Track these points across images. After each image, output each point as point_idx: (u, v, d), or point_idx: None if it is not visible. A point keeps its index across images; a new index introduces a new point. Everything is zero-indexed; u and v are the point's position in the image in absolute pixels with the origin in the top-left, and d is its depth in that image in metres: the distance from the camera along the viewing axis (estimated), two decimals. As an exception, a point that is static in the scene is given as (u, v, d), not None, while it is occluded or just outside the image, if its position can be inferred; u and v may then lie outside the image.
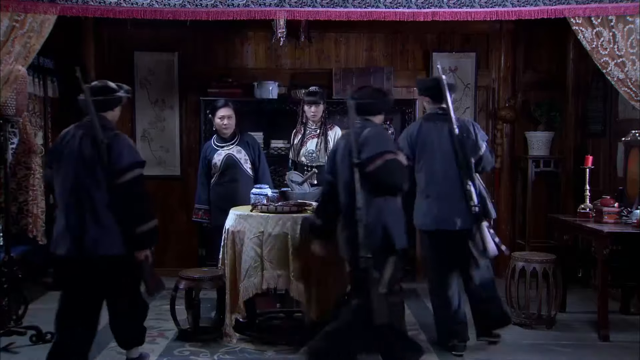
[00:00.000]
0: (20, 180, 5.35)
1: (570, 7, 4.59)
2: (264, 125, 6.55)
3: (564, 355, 4.35)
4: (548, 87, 6.72)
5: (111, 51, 6.66)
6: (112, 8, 4.55)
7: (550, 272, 4.86)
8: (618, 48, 4.61)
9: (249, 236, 4.32)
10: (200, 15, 4.60)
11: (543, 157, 6.52)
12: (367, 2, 4.60)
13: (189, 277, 4.61)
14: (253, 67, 6.76)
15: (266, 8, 4.60)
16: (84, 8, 4.54)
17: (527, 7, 4.60)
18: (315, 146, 5.34)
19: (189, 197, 6.69)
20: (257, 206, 4.57)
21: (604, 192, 5.63)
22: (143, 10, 4.56)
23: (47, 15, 4.49)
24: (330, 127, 5.42)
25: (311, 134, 5.40)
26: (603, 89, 6.04)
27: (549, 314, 4.92)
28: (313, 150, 5.30)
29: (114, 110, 3.82)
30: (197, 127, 6.56)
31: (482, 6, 4.61)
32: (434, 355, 4.33)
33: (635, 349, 4.39)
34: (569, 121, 6.60)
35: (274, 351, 4.34)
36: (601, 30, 4.61)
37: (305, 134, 5.43)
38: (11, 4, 4.39)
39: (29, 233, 5.38)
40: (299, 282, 4.27)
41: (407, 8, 4.61)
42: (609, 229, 4.61)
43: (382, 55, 6.79)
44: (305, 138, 5.42)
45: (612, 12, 4.56)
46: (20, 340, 4.42)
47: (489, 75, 6.78)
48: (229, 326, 4.48)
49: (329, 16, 4.62)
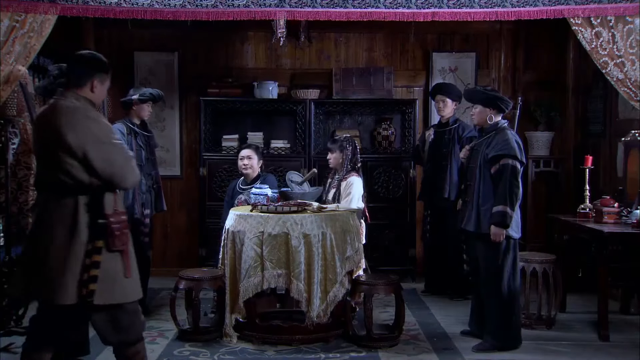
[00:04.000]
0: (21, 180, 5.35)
1: (570, 8, 4.59)
2: (263, 125, 6.56)
3: (564, 355, 4.35)
4: (548, 87, 6.72)
5: (111, 51, 6.64)
6: (112, 8, 4.56)
7: (550, 272, 4.86)
8: (617, 48, 4.61)
9: (249, 236, 4.33)
10: (200, 16, 4.61)
11: (543, 157, 6.53)
12: (367, 2, 4.60)
13: (189, 277, 4.61)
14: (253, 67, 6.76)
15: (266, 8, 4.60)
16: (84, 8, 4.54)
17: (527, 7, 4.61)
18: (332, 198, 5.14)
19: (189, 197, 6.71)
20: (257, 206, 4.57)
21: (604, 192, 5.63)
22: (143, 11, 4.57)
23: (47, 16, 4.49)
24: (344, 179, 5.09)
25: (334, 183, 5.21)
26: (603, 89, 6.04)
27: (549, 314, 4.92)
28: (330, 200, 5.11)
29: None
30: (197, 127, 6.56)
31: (482, 6, 4.62)
32: (434, 355, 4.33)
33: (635, 349, 4.39)
34: (569, 121, 6.60)
35: (274, 351, 4.35)
36: (600, 30, 4.62)
37: (331, 183, 5.24)
38: (11, 4, 4.40)
39: (29, 233, 5.38)
40: (299, 282, 4.28)
41: (407, 8, 4.61)
42: (609, 229, 4.62)
43: (382, 55, 6.80)
44: (330, 186, 5.24)
45: (612, 12, 4.57)
46: (20, 340, 4.40)
47: (489, 75, 6.79)
48: (229, 326, 4.48)
49: (329, 16, 4.62)
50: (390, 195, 6.37)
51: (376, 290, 4.48)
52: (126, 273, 3.16)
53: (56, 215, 3.09)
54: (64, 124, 3.06)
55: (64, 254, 3.04)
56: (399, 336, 4.54)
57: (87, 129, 3.07)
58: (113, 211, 3.14)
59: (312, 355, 4.27)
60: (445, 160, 5.71)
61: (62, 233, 3.06)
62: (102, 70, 3.28)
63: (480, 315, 4.52)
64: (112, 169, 3.11)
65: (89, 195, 3.11)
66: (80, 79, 3.20)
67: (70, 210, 3.08)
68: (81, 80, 3.20)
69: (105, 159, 3.08)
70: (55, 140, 3.06)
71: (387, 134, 6.50)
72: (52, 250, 3.06)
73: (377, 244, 6.17)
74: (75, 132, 3.05)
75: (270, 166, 6.00)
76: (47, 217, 3.12)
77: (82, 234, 3.06)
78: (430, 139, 5.89)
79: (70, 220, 3.06)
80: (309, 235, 4.30)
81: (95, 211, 3.09)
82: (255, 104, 6.47)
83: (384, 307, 5.36)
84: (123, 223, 3.16)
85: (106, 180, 3.12)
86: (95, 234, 3.07)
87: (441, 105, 5.77)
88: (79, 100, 3.17)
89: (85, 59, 3.30)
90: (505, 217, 4.21)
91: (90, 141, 3.06)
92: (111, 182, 3.14)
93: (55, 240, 3.06)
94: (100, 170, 3.08)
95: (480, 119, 4.46)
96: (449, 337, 4.70)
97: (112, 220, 3.10)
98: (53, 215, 3.10)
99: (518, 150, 4.29)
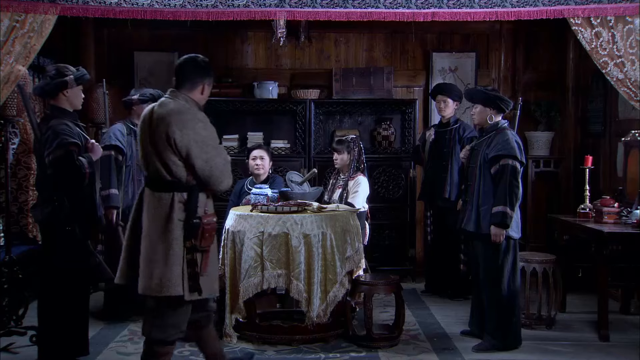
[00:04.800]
0: (21, 180, 5.36)
1: (570, 8, 4.59)
2: (263, 125, 6.56)
3: (564, 355, 4.35)
4: (548, 87, 6.73)
5: (111, 51, 6.66)
6: (112, 8, 4.55)
7: (550, 272, 4.86)
8: (617, 48, 4.61)
9: (249, 236, 4.33)
10: (200, 16, 4.60)
11: (543, 157, 6.53)
12: (367, 3, 4.60)
13: (189, 277, 4.60)
14: (253, 67, 6.76)
15: (266, 8, 4.60)
16: (84, 8, 4.54)
17: (527, 7, 4.61)
18: (338, 197, 5.16)
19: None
20: (257, 206, 4.57)
21: (604, 192, 5.64)
22: (143, 11, 4.57)
23: (47, 16, 4.49)
24: (351, 178, 5.14)
25: (339, 183, 5.25)
26: (603, 89, 6.04)
27: (549, 314, 4.92)
28: (336, 200, 5.13)
29: (60, 95, 3.92)
30: (197, 127, 6.54)
31: (481, 7, 4.61)
32: (434, 355, 4.33)
33: (635, 349, 4.39)
34: (569, 121, 6.60)
35: (274, 351, 4.34)
36: (600, 30, 4.62)
37: (336, 184, 5.29)
38: (11, 4, 4.39)
39: (29, 233, 5.38)
40: (299, 282, 4.28)
41: (407, 8, 4.61)
42: (609, 229, 4.62)
43: (382, 55, 6.80)
44: (335, 187, 5.28)
45: (611, 12, 4.56)
46: (20, 340, 4.42)
47: (489, 75, 6.79)
48: (229, 326, 4.48)
49: (329, 16, 4.62)
50: (390, 195, 6.37)
51: (376, 290, 4.49)
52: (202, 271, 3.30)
53: (154, 210, 3.26)
54: (174, 122, 3.22)
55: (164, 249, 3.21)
56: (399, 336, 4.53)
57: (194, 130, 3.23)
58: (204, 212, 3.31)
59: (312, 355, 4.27)
60: (446, 160, 5.71)
61: (158, 228, 3.23)
62: (211, 75, 3.48)
63: (480, 315, 4.52)
64: (211, 171, 3.26)
65: (184, 194, 3.27)
66: (194, 83, 3.38)
67: (167, 206, 3.25)
68: (195, 84, 3.38)
69: (206, 160, 3.24)
70: (164, 138, 3.22)
71: (387, 134, 6.50)
72: (151, 243, 3.23)
73: (377, 244, 6.16)
74: (183, 132, 3.21)
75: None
76: (147, 211, 3.30)
77: (176, 230, 3.22)
78: (430, 139, 5.89)
79: (166, 216, 3.23)
80: (309, 235, 4.30)
81: (190, 210, 3.26)
82: (255, 104, 6.47)
83: (384, 307, 5.36)
84: (213, 224, 3.32)
85: (203, 181, 3.28)
86: (188, 232, 3.23)
87: (442, 106, 5.77)
88: (187, 102, 3.34)
89: (201, 64, 3.43)
90: (506, 218, 4.21)
91: (195, 141, 3.22)
92: (208, 182, 3.29)
93: (153, 235, 3.24)
94: (200, 170, 3.24)
95: (481, 118, 4.46)
96: (449, 337, 4.69)
97: (205, 222, 3.26)
98: (152, 210, 3.27)
99: (518, 151, 4.29)
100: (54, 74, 3.91)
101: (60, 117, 3.89)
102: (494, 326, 4.37)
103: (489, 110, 4.40)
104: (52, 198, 3.81)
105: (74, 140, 3.82)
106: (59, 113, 3.91)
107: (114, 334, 4.69)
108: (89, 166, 3.86)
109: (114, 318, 4.97)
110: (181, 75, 3.39)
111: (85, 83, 4.10)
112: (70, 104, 3.96)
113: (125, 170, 4.96)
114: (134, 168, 4.97)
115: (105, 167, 4.70)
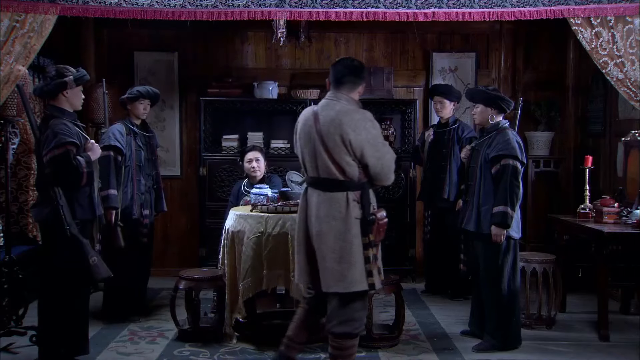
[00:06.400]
0: (21, 180, 5.36)
1: (570, 8, 4.59)
2: (263, 125, 6.56)
3: (564, 355, 4.35)
4: (548, 87, 6.72)
5: (111, 51, 6.66)
6: (112, 8, 4.55)
7: (550, 272, 4.87)
8: (617, 48, 4.61)
9: (249, 236, 4.33)
10: (200, 16, 4.60)
11: (543, 157, 6.52)
12: (367, 3, 4.60)
13: (189, 277, 4.61)
14: (253, 67, 6.76)
15: (266, 8, 4.60)
16: (84, 8, 4.54)
17: (527, 7, 4.61)
18: None
19: (189, 197, 6.71)
20: (257, 206, 4.57)
21: (604, 192, 5.64)
22: (143, 11, 4.57)
23: (47, 16, 4.48)
24: None
25: None
26: (603, 89, 6.04)
27: (549, 314, 4.93)
28: None
29: (60, 96, 3.92)
30: (197, 127, 6.56)
31: (481, 7, 4.61)
32: (434, 355, 4.33)
33: (635, 349, 4.40)
34: (569, 121, 6.60)
35: (274, 351, 4.32)
36: (600, 30, 4.62)
37: None
38: (11, 4, 4.39)
39: (29, 233, 5.38)
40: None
41: (407, 8, 4.61)
42: (609, 229, 4.62)
43: (382, 55, 6.79)
44: None
45: (611, 12, 4.56)
46: (21, 340, 4.42)
47: (489, 75, 6.79)
48: (229, 326, 4.49)
49: (329, 16, 4.62)
50: (390, 195, 6.36)
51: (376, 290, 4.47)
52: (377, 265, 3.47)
53: (328, 211, 3.40)
54: (346, 124, 3.37)
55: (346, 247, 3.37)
56: (399, 336, 4.54)
57: (365, 129, 3.38)
58: (374, 208, 3.46)
59: (312, 355, 4.27)
60: (445, 160, 5.71)
61: (336, 227, 3.38)
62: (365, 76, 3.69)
63: (480, 315, 4.52)
64: (382, 168, 3.41)
65: (357, 192, 3.41)
66: (354, 84, 3.55)
67: (342, 206, 3.39)
68: (355, 85, 3.55)
69: (378, 158, 3.39)
70: (338, 140, 3.36)
71: (387, 134, 6.49)
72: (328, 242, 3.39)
73: (377, 243, 6.15)
74: (356, 132, 3.36)
75: (270, 166, 5.98)
76: (317, 211, 3.44)
77: (355, 228, 3.38)
78: (429, 139, 5.89)
79: (344, 215, 3.38)
80: (309, 235, 4.29)
81: (365, 207, 3.41)
82: (255, 104, 6.47)
83: (384, 307, 5.36)
84: (385, 219, 3.49)
85: (373, 177, 3.43)
86: (365, 229, 3.39)
87: (439, 107, 5.78)
88: (349, 102, 3.50)
89: (358, 66, 3.60)
90: (506, 218, 4.22)
91: (367, 141, 3.36)
92: (377, 178, 3.44)
93: (329, 234, 3.39)
94: (372, 167, 3.39)
95: (482, 118, 4.47)
96: (449, 337, 4.70)
97: (379, 217, 3.43)
98: (324, 210, 3.41)
99: (519, 151, 4.29)
100: (54, 75, 3.91)
101: (60, 117, 3.89)
102: (494, 326, 4.37)
103: (490, 110, 4.40)
104: (52, 197, 3.81)
105: (72, 139, 3.83)
106: (59, 113, 3.91)
107: (114, 334, 4.70)
108: (87, 166, 3.86)
109: (114, 318, 4.97)
110: (341, 76, 3.53)
111: (85, 84, 4.10)
112: (70, 104, 3.97)
113: (124, 170, 4.95)
114: (133, 168, 4.97)
115: (104, 168, 4.69)
